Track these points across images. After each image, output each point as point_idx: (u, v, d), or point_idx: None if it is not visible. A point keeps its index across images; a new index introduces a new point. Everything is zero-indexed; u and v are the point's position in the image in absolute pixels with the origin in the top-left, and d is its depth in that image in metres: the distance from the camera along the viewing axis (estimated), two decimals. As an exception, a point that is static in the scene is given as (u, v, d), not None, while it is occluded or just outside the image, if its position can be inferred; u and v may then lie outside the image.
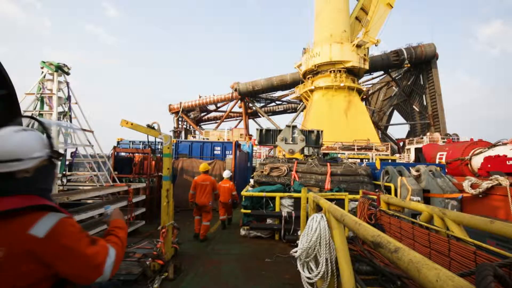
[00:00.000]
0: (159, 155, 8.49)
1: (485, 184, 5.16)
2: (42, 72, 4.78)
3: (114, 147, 8.20)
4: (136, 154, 8.72)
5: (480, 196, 5.24)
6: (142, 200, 6.84)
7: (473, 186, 5.33)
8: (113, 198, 5.90)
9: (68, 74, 5.08)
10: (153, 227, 6.65)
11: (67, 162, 5.08)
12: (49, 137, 1.20)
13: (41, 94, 4.69)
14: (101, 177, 5.61)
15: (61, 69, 4.87)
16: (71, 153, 5.03)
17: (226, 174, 7.49)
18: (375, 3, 29.12)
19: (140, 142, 14.39)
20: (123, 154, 9.23)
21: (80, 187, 5.57)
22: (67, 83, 5.06)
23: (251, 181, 8.08)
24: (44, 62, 4.78)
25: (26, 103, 4.63)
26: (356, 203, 5.62)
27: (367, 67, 30.21)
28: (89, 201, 5.74)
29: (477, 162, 9.34)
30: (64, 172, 4.89)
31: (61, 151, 4.84)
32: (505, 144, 8.91)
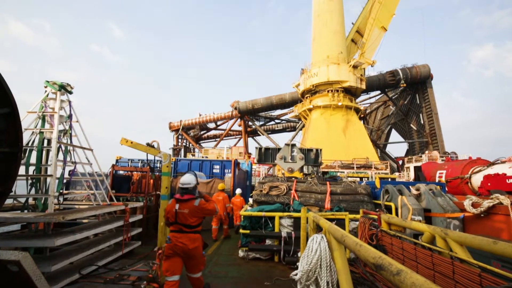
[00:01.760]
0: (157, 173, 8.43)
1: (486, 203, 5.10)
2: (46, 91, 4.87)
3: (113, 165, 8.16)
4: (135, 172, 8.67)
5: (482, 215, 5.17)
6: (139, 219, 6.71)
7: (474, 205, 5.27)
8: (110, 217, 5.79)
9: (71, 93, 5.17)
10: (149, 248, 6.48)
11: (64, 181, 5.04)
12: (196, 176, 4.02)
13: (43, 112, 4.75)
14: (98, 196, 5.53)
15: (64, 88, 4.96)
16: (69, 171, 5.01)
17: (238, 191, 9.58)
18: (370, 26, 30.32)
19: (139, 160, 14.35)
20: (121, 172, 9.17)
21: (76, 206, 5.48)
22: (69, 102, 5.13)
23: (250, 200, 7.97)
24: (48, 82, 4.88)
25: (28, 120, 4.68)
26: (357, 223, 5.52)
27: (364, 87, 30.90)
28: (84, 221, 5.63)
29: (477, 180, 9.30)
30: (61, 191, 4.83)
31: (59, 169, 4.85)
32: (503, 162, 8.93)
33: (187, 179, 3.85)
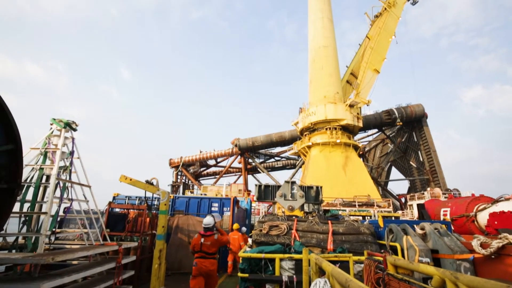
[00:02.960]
0: (154, 211, 8.21)
1: (496, 244, 4.89)
2: (51, 128, 5.00)
3: (109, 203, 7.99)
4: (131, 210, 8.45)
5: (493, 256, 4.92)
6: (132, 261, 6.35)
7: (483, 245, 5.05)
8: (101, 258, 5.49)
9: (75, 130, 5.30)
10: (140, 293, 6.03)
11: (58, 218, 4.89)
12: (213, 217, 5.69)
13: (46, 149, 4.81)
14: (92, 235, 5.31)
15: (69, 125, 5.10)
16: (65, 208, 4.89)
17: (244, 229, 10.44)
18: (363, 69, 32.20)
19: (136, 197, 14.06)
20: (117, 210, 8.93)
21: (68, 246, 5.23)
22: (73, 139, 5.23)
23: (249, 240, 7.65)
24: (54, 119, 5.04)
25: (30, 156, 4.71)
26: (361, 265, 5.24)
27: (361, 124, 31.66)
28: (74, 262, 5.33)
29: (483, 218, 9.04)
30: (53, 229, 4.65)
31: (55, 206, 4.74)
32: (507, 199, 8.77)
33: (207, 220, 5.56)
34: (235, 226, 10.09)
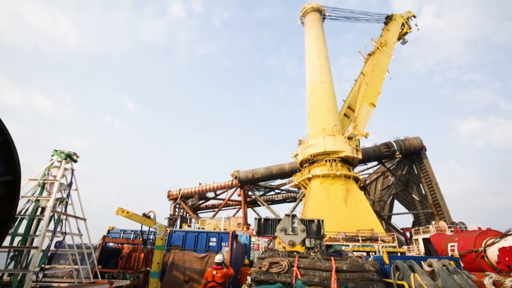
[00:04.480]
0: (150, 246, 7.86)
1: (509, 282, 4.61)
2: (52, 159, 5.01)
3: (104, 237, 7.70)
4: (125, 245, 8.11)
5: (508, 297, 4.61)
6: (123, 302, 5.93)
7: (496, 284, 4.77)
8: (90, 299, 5.13)
9: (75, 161, 5.31)
10: None
11: (49, 254, 4.67)
12: (223, 255, 7.70)
13: (44, 180, 4.77)
14: (82, 272, 5.03)
15: (70, 157, 5.12)
16: (57, 242, 4.68)
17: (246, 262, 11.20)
18: (360, 103, 33.25)
19: (132, 231, 13.57)
20: (111, 244, 8.56)
21: (56, 284, 4.91)
22: (72, 170, 5.22)
23: (248, 278, 7.24)
24: (56, 151, 5.07)
25: (27, 187, 4.65)
26: (369, 306, 4.90)
27: (360, 156, 31.76)
28: (61, 303, 4.98)
29: (493, 254, 8.63)
30: (42, 265, 4.42)
31: (47, 240, 4.56)
32: (516, 234, 8.47)
33: (218, 257, 7.36)
34: (246, 261, 11.12)
